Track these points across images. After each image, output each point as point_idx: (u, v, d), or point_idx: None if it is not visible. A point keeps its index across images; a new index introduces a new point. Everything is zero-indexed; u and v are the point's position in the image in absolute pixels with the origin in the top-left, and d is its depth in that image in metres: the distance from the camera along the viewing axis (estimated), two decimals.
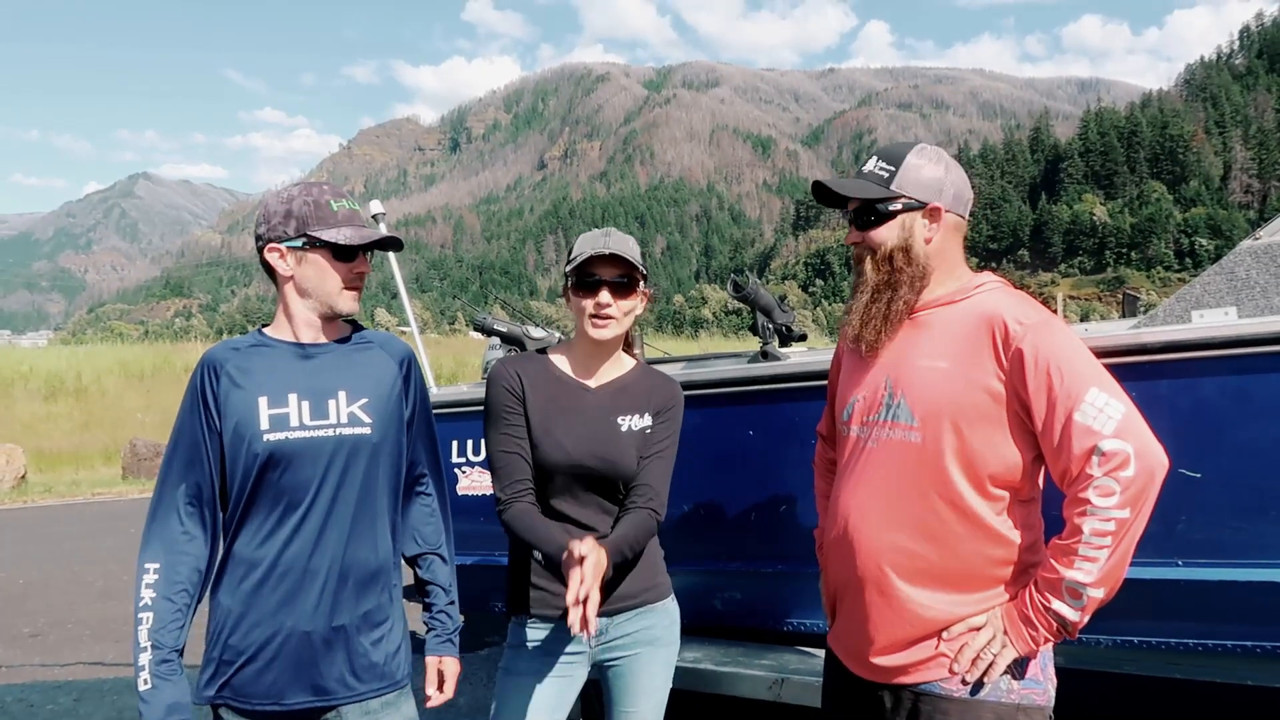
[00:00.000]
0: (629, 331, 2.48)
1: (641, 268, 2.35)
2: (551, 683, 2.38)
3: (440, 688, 2.39)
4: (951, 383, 2.00)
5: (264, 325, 2.31)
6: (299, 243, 2.17)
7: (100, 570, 8.78)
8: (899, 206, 2.10)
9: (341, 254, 2.19)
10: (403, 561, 2.38)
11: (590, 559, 2.05)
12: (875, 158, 2.15)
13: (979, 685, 1.97)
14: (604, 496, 2.38)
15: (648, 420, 2.41)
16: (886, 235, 2.11)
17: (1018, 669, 1.98)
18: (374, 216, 4.18)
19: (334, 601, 2.15)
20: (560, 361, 2.46)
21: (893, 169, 2.11)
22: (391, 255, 4.20)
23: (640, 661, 2.42)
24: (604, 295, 2.32)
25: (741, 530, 3.33)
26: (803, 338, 3.60)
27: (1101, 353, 2.50)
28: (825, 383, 2.46)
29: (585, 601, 2.02)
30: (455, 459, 3.77)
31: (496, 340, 4.23)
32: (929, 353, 2.04)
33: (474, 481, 3.76)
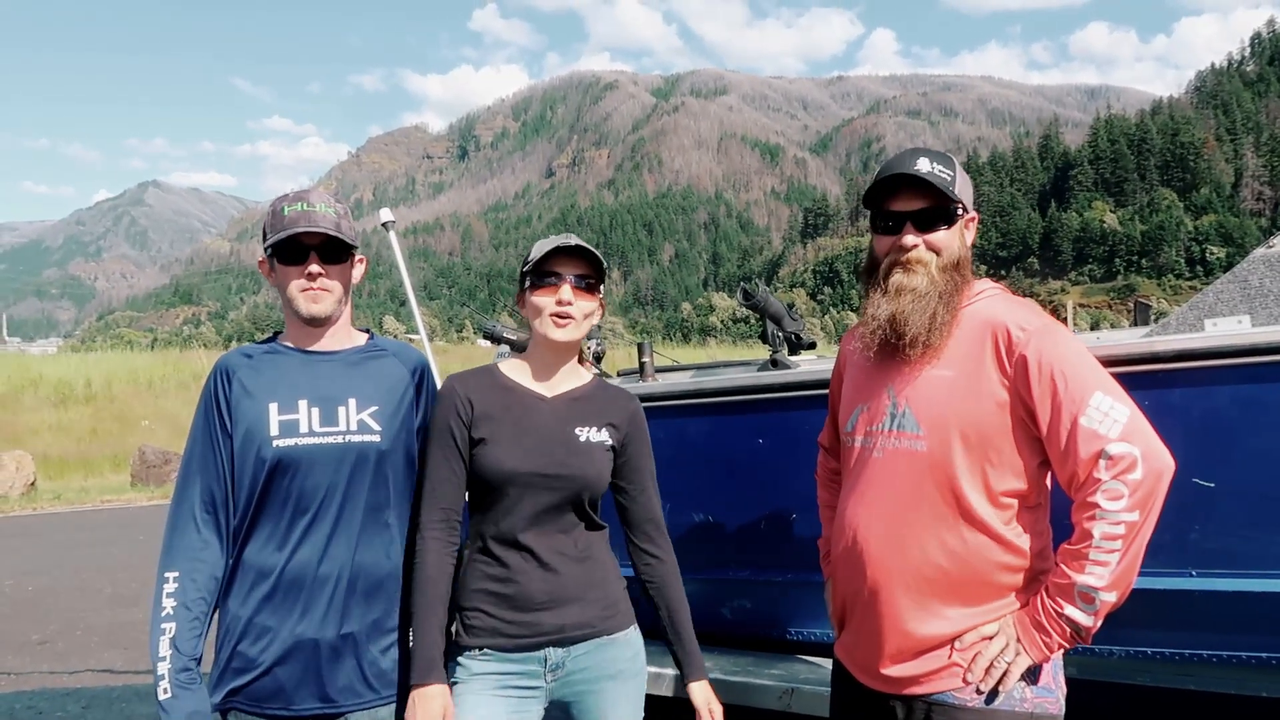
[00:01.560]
0: (580, 347, 2.38)
1: (604, 271, 2.29)
2: None
3: None
4: (956, 391, 1.99)
5: (278, 332, 2.32)
6: (267, 252, 2.20)
7: (109, 577, 8.80)
8: (960, 212, 2.08)
9: (286, 256, 2.18)
10: None
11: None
12: (927, 159, 2.05)
13: (993, 694, 1.95)
14: (563, 512, 2.22)
15: (606, 436, 2.27)
16: (951, 240, 2.07)
17: (1031, 677, 1.97)
18: (384, 224, 4.19)
19: (343, 609, 2.15)
20: (514, 372, 2.32)
21: (951, 173, 2.06)
22: (400, 262, 4.20)
23: (604, 698, 2.24)
24: (565, 291, 2.20)
25: (751, 538, 3.32)
26: (812, 345, 3.59)
27: (1114, 361, 2.49)
28: None
29: None
30: None
31: (505, 348, 4.23)
32: (933, 361, 2.03)
33: None
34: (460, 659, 2.21)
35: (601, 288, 2.29)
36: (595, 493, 2.25)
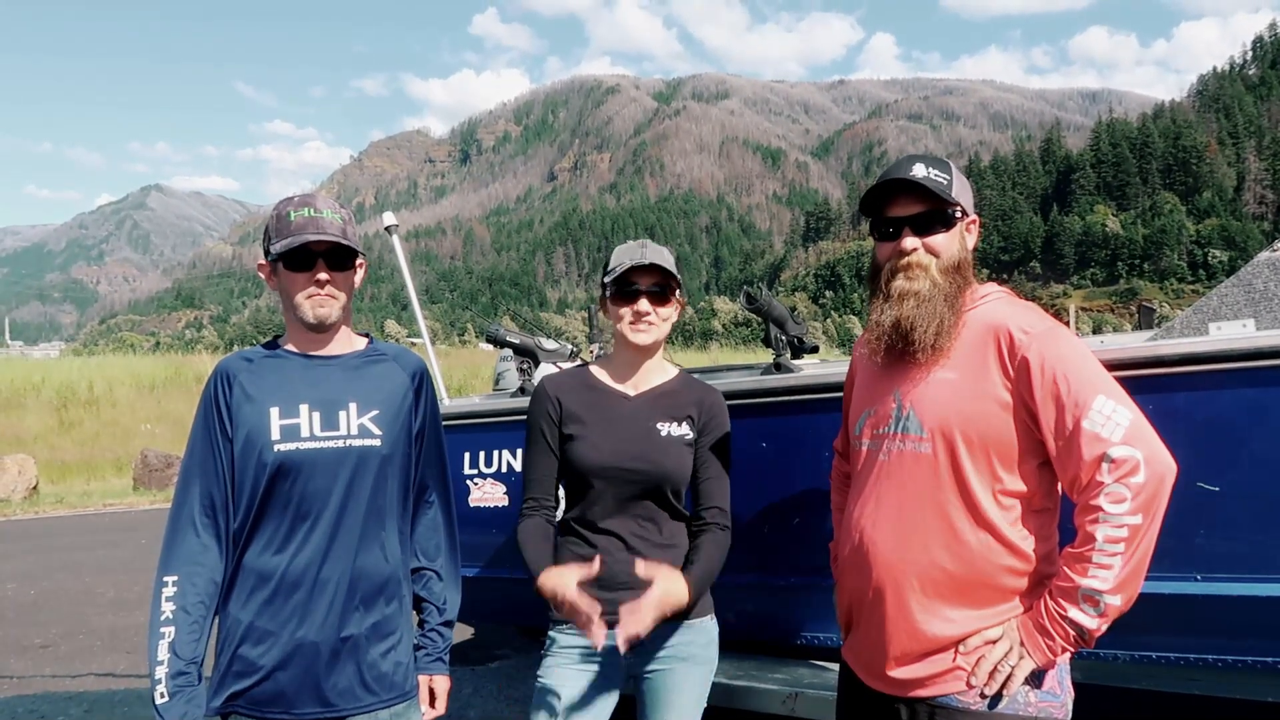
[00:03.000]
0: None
1: (677, 277, 2.42)
2: (586, 691, 2.38)
3: (432, 704, 2.40)
4: (959, 394, 2.00)
5: (278, 336, 2.32)
6: (270, 257, 2.19)
7: (111, 581, 8.79)
8: (959, 215, 2.09)
9: (293, 263, 2.17)
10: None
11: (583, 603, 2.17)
12: (923, 164, 2.07)
13: (997, 698, 1.95)
14: (645, 502, 2.40)
15: (686, 430, 2.43)
16: (950, 243, 2.07)
17: (1035, 681, 1.96)
18: (387, 228, 4.19)
19: (343, 612, 2.15)
20: (601, 373, 2.52)
21: (948, 177, 2.07)
22: (404, 266, 4.21)
23: (674, 677, 2.41)
24: (643, 304, 2.39)
25: (754, 543, 3.31)
26: (815, 349, 3.60)
27: (1119, 364, 2.48)
28: (839, 395, 2.46)
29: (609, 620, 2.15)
30: (468, 470, 3.76)
31: (508, 351, 4.23)
32: (938, 364, 2.03)
33: (486, 494, 3.75)
34: (551, 632, 2.45)
35: (678, 292, 2.45)
36: (675, 485, 2.41)
